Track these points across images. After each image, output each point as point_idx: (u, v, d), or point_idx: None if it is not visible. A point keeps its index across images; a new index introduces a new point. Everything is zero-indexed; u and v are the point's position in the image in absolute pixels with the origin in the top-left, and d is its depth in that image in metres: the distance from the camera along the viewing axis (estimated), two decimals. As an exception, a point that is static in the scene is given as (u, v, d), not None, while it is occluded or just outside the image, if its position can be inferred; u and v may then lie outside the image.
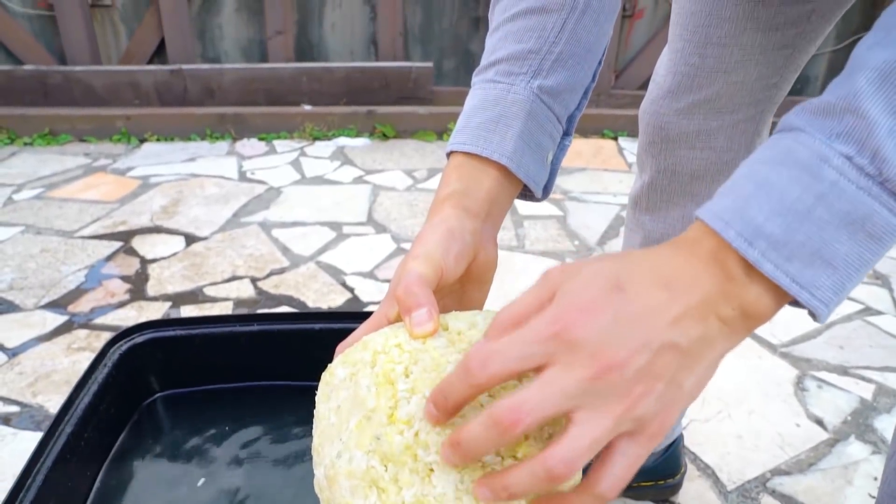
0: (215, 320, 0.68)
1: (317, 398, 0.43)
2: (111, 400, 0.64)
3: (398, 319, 0.42)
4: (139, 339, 0.68)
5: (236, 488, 0.60)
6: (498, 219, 0.49)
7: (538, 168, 0.49)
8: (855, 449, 1.09)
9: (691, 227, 0.34)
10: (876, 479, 1.03)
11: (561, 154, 0.53)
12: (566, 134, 0.53)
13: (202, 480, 0.59)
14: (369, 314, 0.46)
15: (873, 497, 1.00)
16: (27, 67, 2.46)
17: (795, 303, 0.32)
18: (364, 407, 0.38)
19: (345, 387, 0.40)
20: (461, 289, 0.47)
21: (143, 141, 2.43)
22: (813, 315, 0.32)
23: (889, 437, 1.11)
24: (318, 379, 0.73)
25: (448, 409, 0.34)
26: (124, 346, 0.67)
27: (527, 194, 0.51)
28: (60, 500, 0.54)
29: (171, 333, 0.68)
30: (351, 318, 0.67)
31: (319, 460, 0.40)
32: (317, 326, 0.67)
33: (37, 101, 2.48)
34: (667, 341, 0.31)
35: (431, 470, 0.35)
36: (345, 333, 0.45)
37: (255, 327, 0.68)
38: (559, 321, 0.32)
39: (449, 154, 0.49)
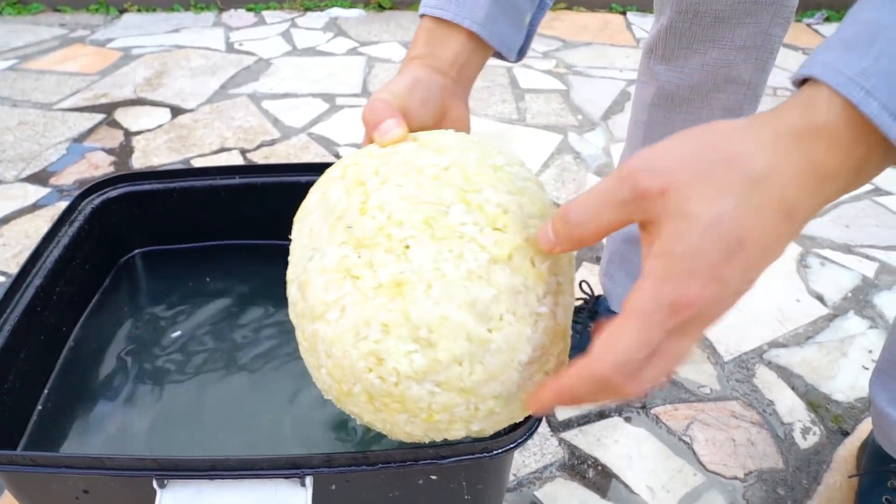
0: (194, 173, 0.64)
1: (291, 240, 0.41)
2: (85, 255, 0.60)
3: None
4: (113, 192, 0.64)
5: (216, 341, 0.57)
6: (468, 81, 0.47)
7: (513, 32, 0.47)
8: (853, 324, 1.08)
9: (803, 92, 0.28)
10: (871, 351, 1.03)
11: (540, 15, 0.50)
12: None
13: (178, 333, 0.57)
14: None
15: (867, 368, 1.00)
16: (-9, -74, 2.27)
17: None
18: (335, 212, 0.35)
19: (317, 209, 0.37)
20: None
21: (122, 11, 2.28)
22: None
23: (888, 313, 1.10)
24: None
25: None
26: (97, 199, 0.63)
27: (501, 56, 0.49)
28: (32, 352, 0.51)
29: (147, 187, 0.64)
30: (338, 170, 0.63)
31: (292, 279, 0.38)
32: (303, 179, 0.62)
33: (5, -36, 2.30)
34: (763, 259, 0.30)
35: (407, 246, 0.33)
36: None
37: (238, 180, 0.63)
38: (678, 312, 0.29)
39: (422, 16, 0.46)
